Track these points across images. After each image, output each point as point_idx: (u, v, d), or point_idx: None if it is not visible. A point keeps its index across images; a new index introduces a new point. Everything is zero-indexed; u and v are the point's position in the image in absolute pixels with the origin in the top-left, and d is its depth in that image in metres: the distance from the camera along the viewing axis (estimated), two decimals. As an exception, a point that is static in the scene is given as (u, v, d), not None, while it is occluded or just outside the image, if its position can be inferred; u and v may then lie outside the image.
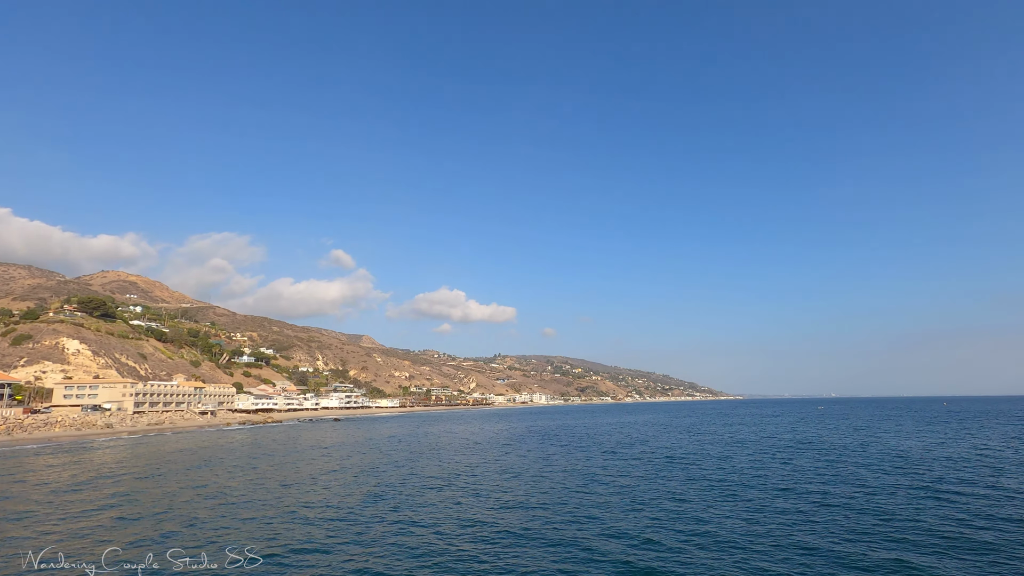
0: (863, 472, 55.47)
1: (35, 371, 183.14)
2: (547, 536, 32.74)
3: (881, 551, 29.02)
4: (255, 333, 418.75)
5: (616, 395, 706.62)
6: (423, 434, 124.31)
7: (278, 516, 38.62)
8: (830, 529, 33.73)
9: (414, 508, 41.24)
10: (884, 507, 39.11)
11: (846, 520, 35.72)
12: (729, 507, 40.14)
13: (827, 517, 36.73)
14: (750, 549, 29.87)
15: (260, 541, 31.80)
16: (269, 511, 40.27)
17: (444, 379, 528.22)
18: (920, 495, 43.22)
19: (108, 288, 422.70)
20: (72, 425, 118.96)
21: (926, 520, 35.32)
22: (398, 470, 62.85)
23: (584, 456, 74.95)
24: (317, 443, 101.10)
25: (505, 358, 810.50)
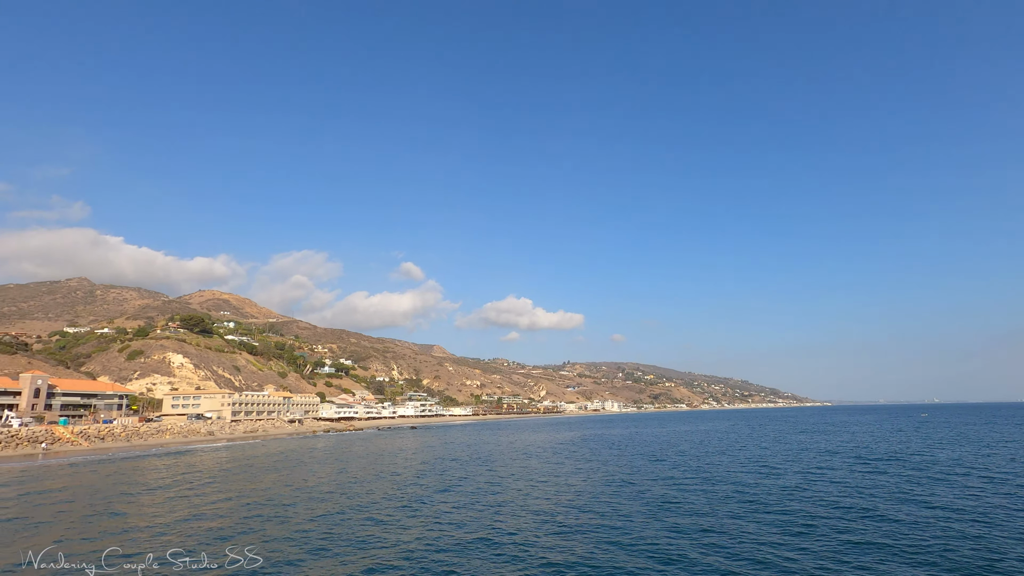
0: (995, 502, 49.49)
1: (147, 383, 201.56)
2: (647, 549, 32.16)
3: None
4: (334, 345, 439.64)
5: (691, 402, 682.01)
6: (498, 442, 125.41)
7: (360, 519, 40.27)
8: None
9: (498, 516, 41.70)
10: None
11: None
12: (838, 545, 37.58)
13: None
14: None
15: (349, 543, 33.28)
16: (356, 514, 42.08)
17: (514, 387, 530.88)
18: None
19: (205, 306, 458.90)
20: (180, 432, 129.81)
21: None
22: (478, 478, 63.76)
23: (672, 466, 72.87)
24: (397, 450, 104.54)
25: (574, 365, 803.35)
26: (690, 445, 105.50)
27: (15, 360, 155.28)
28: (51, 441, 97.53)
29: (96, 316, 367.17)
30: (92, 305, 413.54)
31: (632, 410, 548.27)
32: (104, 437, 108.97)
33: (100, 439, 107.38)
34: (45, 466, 76.81)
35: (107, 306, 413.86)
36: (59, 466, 77.06)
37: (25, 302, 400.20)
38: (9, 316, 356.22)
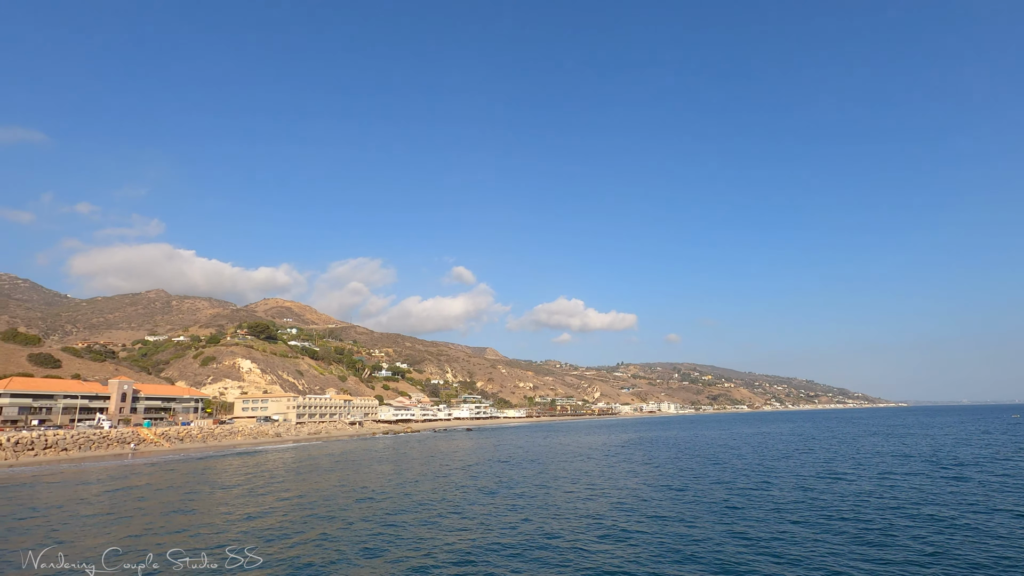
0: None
1: (219, 388, 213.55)
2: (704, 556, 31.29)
3: None
4: (390, 349, 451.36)
5: (752, 403, 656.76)
6: (553, 444, 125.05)
7: (413, 520, 41.09)
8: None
9: (552, 519, 41.59)
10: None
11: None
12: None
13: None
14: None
15: (400, 544, 34.06)
16: (409, 516, 43.00)
17: (568, 389, 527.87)
18: None
19: (269, 313, 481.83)
20: (250, 434, 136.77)
21: None
22: (533, 480, 63.82)
23: (734, 470, 70.51)
24: (452, 451, 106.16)
25: (628, 366, 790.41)
26: (752, 448, 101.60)
27: (104, 367, 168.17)
28: (137, 442, 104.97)
29: (173, 325, 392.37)
30: (169, 315, 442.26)
31: (689, 412, 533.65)
32: (183, 438, 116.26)
33: (179, 440, 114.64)
34: (133, 465, 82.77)
35: (182, 315, 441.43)
36: (144, 465, 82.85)
37: (111, 313, 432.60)
38: (98, 326, 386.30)
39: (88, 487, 59.64)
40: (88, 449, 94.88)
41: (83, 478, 67.10)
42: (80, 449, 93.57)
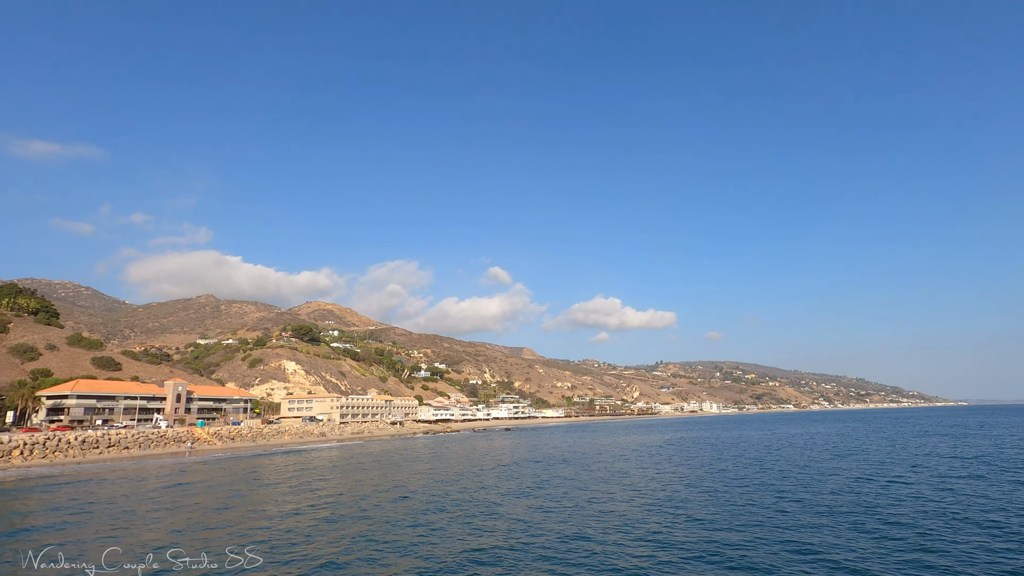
0: None
1: (266, 388, 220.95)
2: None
3: None
4: (429, 350, 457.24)
5: (799, 402, 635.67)
6: (592, 444, 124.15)
7: (449, 520, 41.43)
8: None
9: (591, 521, 41.27)
10: None
11: None
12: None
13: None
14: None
15: (436, 542, 34.40)
16: (446, 515, 43.41)
17: (606, 388, 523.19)
18: None
19: (312, 316, 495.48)
20: (296, 434, 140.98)
21: None
22: (572, 480, 63.50)
23: (781, 472, 68.45)
24: (491, 451, 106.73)
25: (668, 365, 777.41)
26: (800, 449, 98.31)
27: (160, 369, 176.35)
28: (192, 441, 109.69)
29: (222, 328, 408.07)
30: (218, 319, 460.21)
31: (732, 411, 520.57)
32: (234, 437, 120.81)
33: (231, 439, 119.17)
34: (189, 463, 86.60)
35: (230, 319, 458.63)
36: (199, 463, 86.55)
37: (165, 318, 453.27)
38: (153, 331, 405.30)
39: (146, 483, 62.70)
40: (147, 448, 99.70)
41: (142, 475, 70.60)
42: (140, 448, 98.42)
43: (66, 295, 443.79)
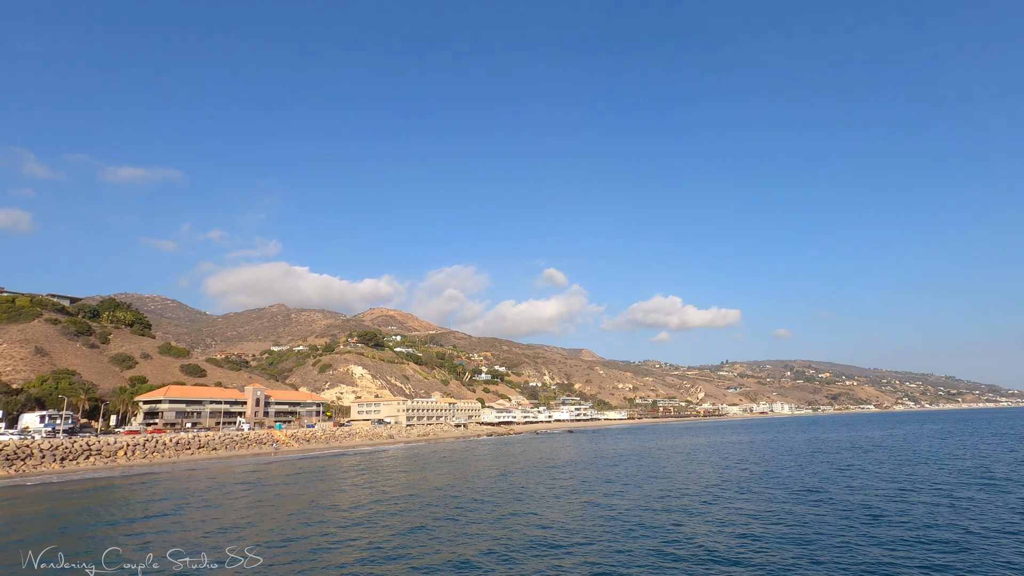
0: None
1: (336, 392, 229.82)
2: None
3: None
4: (488, 353, 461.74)
5: (880, 402, 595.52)
6: (660, 446, 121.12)
7: (520, 523, 41.22)
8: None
9: (669, 529, 40.08)
10: None
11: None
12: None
13: None
14: None
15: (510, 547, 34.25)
16: (517, 519, 43.26)
17: (669, 390, 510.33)
18: None
19: (375, 322, 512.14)
20: (366, 436, 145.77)
21: None
22: (644, 484, 62.04)
23: (869, 476, 64.24)
24: (556, 453, 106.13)
25: (734, 365, 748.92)
26: (887, 452, 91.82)
27: (239, 375, 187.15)
28: (274, 442, 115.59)
29: (293, 336, 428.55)
30: (289, 327, 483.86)
31: (807, 412, 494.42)
32: (309, 439, 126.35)
33: (306, 441, 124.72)
34: (273, 462, 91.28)
35: (300, 327, 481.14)
36: (281, 462, 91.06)
37: (242, 327, 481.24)
38: (232, 339, 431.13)
39: (233, 480, 66.47)
40: (232, 449, 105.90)
41: (229, 473, 74.96)
42: (227, 449, 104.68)
43: (155, 308, 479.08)
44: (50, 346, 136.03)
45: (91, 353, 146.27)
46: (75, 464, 77.77)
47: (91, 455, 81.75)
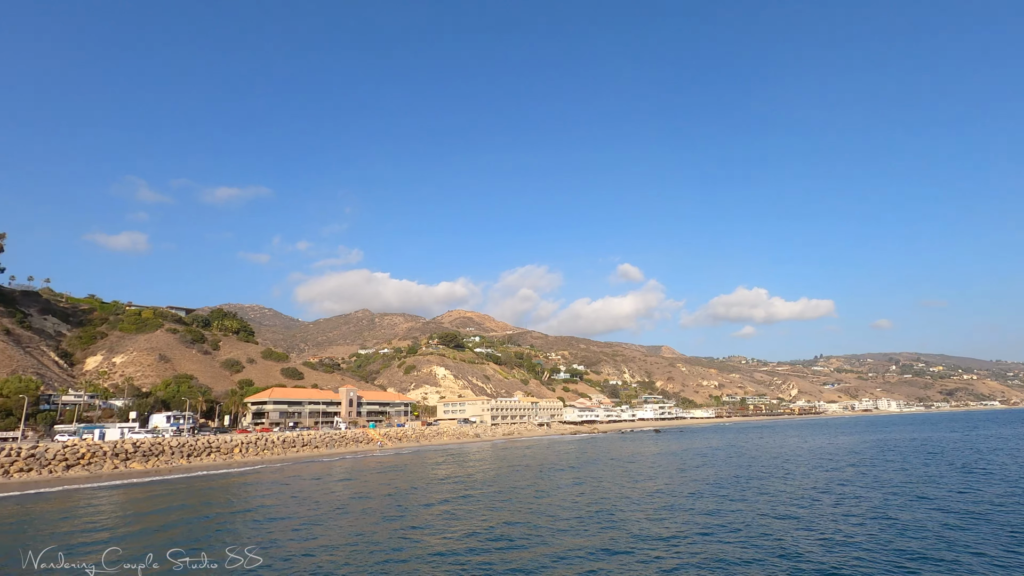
0: None
1: (421, 393, 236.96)
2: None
3: None
4: (565, 351, 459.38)
5: (1007, 398, 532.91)
6: (756, 446, 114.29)
7: (616, 537, 39.48)
8: None
9: (782, 541, 37.09)
10: None
11: None
12: None
13: None
14: None
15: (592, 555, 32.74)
16: (609, 528, 41.60)
17: (757, 386, 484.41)
18: None
19: (453, 324, 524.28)
20: (453, 435, 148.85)
21: None
22: (745, 489, 58.29)
23: (1011, 481, 57.00)
24: (645, 452, 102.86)
25: (829, 359, 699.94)
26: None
27: (333, 377, 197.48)
28: (367, 441, 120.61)
29: (377, 339, 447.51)
30: (373, 330, 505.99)
31: (917, 410, 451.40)
32: (400, 438, 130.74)
33: (398, 440, 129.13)
34: (370, 458, 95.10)
35: (383, 330, 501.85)
36: (378, 459, 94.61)
37: (331, 331, 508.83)
38: (322, 344, 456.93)
39: (337, 477, 69.54)
40: (332, 447, 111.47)
41: (331, 467, 78.64)
42: (327, 447, 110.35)
43: (255, 316, 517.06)
44: (171, 353, 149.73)
45: (205, 359, 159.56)
46: (199, 460, 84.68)
47: (212, 452, 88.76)
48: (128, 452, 77.61)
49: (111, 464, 73.18)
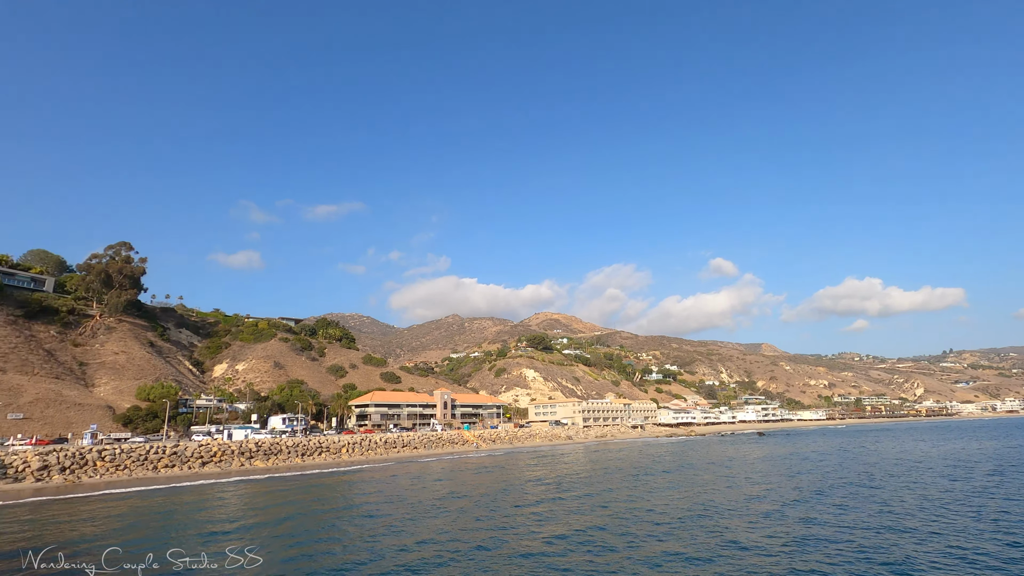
0: None
1: (512, 395, 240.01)
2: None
3: None
4: (656, 351, 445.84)
5: None
6: (883, 452, 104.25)
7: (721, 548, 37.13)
8: None
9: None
10: None
11: None
12: None
13: None
14: None
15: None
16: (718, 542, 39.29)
17: (875, 385, 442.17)
18: None
19: (540, 326, 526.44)
20: (545, 437, 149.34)
21: None
22: (880, 502, 53.25)
23: None
24: (753, 456, 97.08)
25: (961, 354, 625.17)
26: None
27: (427, 381, 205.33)
28: (462, 442, 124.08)
29: (467, 343, 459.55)
30: (463, 335, 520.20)
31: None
32: (494, 440, 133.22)
33: (492, 441, 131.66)
34: (467, 458, 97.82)
35: (472, 334, 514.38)
36: (475, 460, 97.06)
37: (424, 337, 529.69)
38: (416, 349, 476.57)
39: (435, 477, 72.03)
40: (430, 448, 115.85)
41: (429, 468, 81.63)
42: (425, 448, 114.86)
43: (354, 324, 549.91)
44: (284, 360, 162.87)
45: (313, 365, 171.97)
46: (311, 459, 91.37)
47: (322, 452, 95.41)
48: (251, 451, 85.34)
49: (238, 462, 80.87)
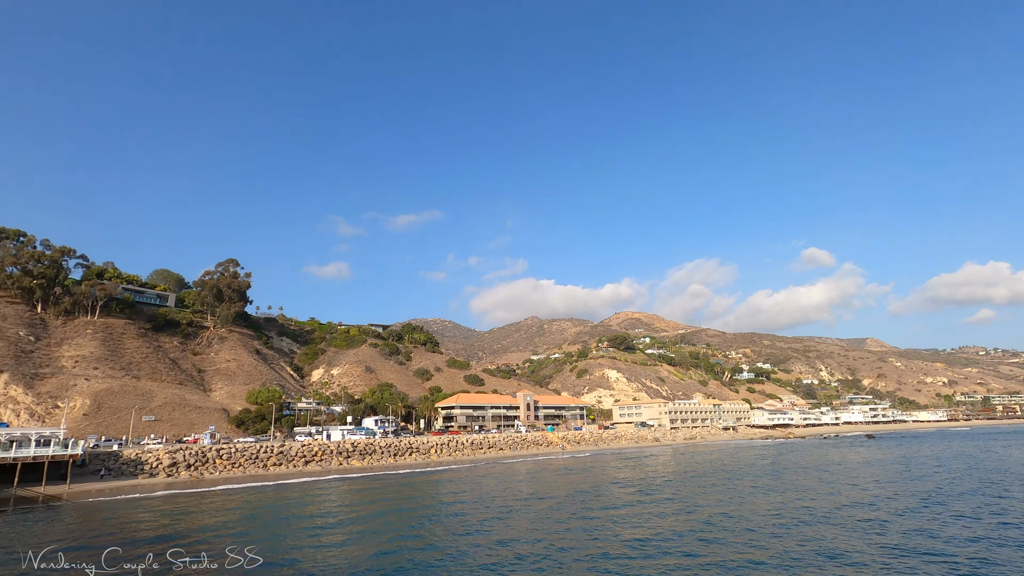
0: None
1: (595, 396, 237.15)
2: None
3: None
4: (747, 349, 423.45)
5: None
6: (1017, 458, 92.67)
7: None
8: None
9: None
10: None
11: None
12: None
13: None
14: None
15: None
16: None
17: (1006, 382, 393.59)
18: None
19: (621, 326, 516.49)
20: (631, 438, 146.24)
21: None
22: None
23: None
24: (859, 460, 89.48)
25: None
26: None
27: (510, 383, 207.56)
28: (546, 444, 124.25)
29: (547, 345, 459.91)
30: (543, 336, 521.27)
31: None
32: (579, 441, 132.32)
33: (576, 443, 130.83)
34: (554, 460, 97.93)
35: (552, 336, 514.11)
36: (560, 461, 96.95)
37: (504, 339, 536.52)
38: (498, 351, 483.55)
39: (520, 478, 72.54)
40: (514, 449, 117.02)
41: (514, 469, 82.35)
42: (510, 449, 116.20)
43: (437, 329, 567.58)
44: (374, 364, 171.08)
45: (400, 369, 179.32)
46: (403, 459, 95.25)
47: (412, 452, 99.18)
48: (348, 451, 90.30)
49: (336, 461, 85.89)
